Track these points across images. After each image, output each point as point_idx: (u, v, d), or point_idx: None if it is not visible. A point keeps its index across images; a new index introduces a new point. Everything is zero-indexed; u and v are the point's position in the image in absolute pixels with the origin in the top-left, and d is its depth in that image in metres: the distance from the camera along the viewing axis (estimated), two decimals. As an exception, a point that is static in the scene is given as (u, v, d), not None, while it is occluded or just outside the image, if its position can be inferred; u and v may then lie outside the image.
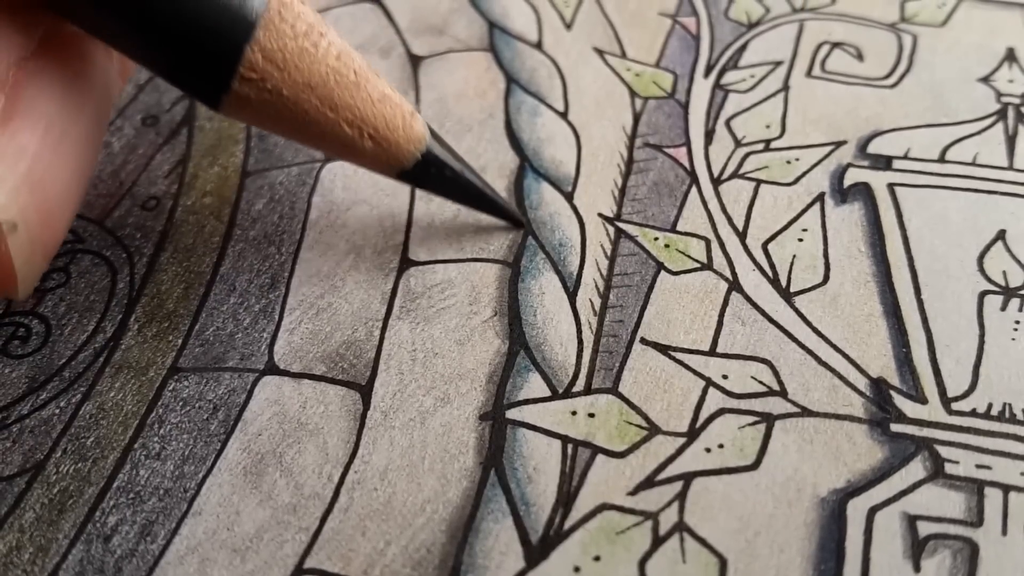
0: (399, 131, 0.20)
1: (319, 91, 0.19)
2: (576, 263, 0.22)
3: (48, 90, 0.18)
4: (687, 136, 0.24)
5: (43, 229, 0.18)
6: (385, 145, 0.20)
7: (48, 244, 0.18)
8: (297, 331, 0.21)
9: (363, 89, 0.19)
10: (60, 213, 0.18)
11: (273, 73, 0.18)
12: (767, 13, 0.28)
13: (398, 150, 0.20)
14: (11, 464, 0.19)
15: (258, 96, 0.18)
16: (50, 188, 0.18)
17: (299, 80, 0.18)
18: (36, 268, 0.18)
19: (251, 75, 0.18)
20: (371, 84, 0.19)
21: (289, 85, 0.18)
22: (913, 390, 0.19)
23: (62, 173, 0.18)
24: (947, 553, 0.17)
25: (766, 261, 0.22)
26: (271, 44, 0.18)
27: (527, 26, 0.28)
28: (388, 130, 0.19)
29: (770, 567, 0.17)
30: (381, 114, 0.19)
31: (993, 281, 0.21)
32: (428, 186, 0.22)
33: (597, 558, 0.17)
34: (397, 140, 0.20)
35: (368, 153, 0.20)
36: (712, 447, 0.18)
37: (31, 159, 0.17)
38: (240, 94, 0.18)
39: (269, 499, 0.18)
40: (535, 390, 0.20)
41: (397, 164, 0.20)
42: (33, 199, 0.17)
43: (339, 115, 0.19)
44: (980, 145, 0.24)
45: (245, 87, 0.18)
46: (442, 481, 0.18)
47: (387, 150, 0.20)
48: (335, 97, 0.19)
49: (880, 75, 0.26)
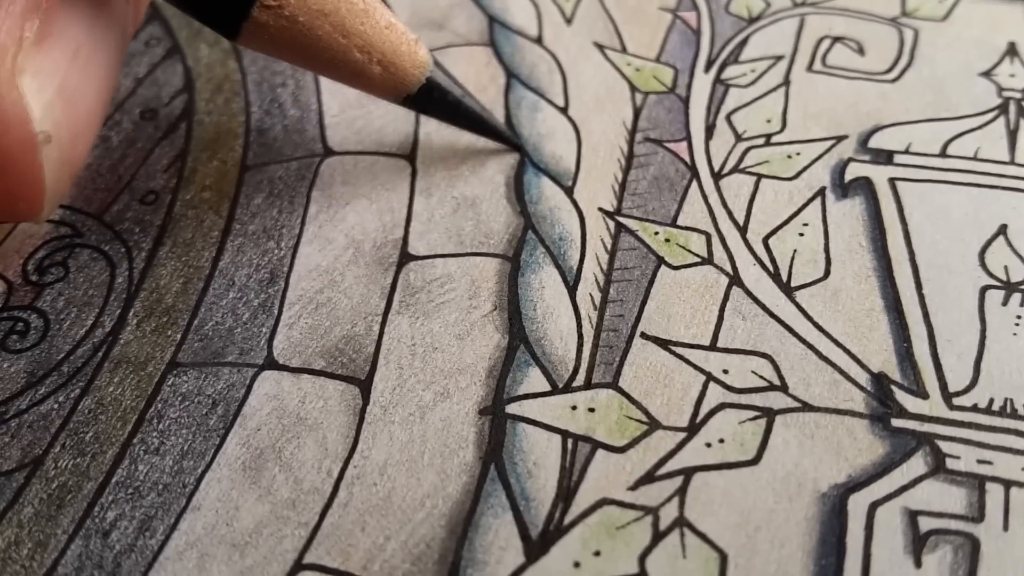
0: (405, 57, 0.21)
1: (332, 17, 0.20)
2: (576, 257, 0.22)
3: (76, 16, 0.19)
4: (687, 131, 0.24)
5: (72, 145, 0.19)
6: (392, 70, 0.21)
7: (74, 162, 0.20)
8: (296, 326, 0.21)
9: (372, 16, 0.20)
10: (86, 132, 0.20)
11: (290, 0, 0.20)
12: (768, 8, 0.28)
13: (404, 75, 0.21)
14: (9, 459, 0.19)
15: (276, 23, 0.20)
16: (79, 106, 0.19)
17: (314, 7, 0.20)
18: (62, 186, 0.20)
19: (270, 2, 0.20)
20: (379, 12, 0.21)
21: (305, 11, 0.20)
22: (914, 385, 0.19)
23: (89, 93, 0.20)
24: (948, 548, 0.17)
25: (767, 256, 0.21)
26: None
27: (527, 21, 0.28)
28: (395, 56, 0.21)
29: (771, 562, 0.17)
30: (388, 40, 0.21)
31: (994, 276, 0.21)
32: (431, 110, 0.23)
33: (597, 553, 0.17)
34: (403, 65, 0.21)
35: (376, 78, 0.21)
36: (712, 442, 0.18)
37: (63, 77, 0.19)
38: (259, 21, 0.20)
39: (268, 494, 0.18)
40: (535, 385, 0.19)
41: (403, 89, 0.22)
42: (65, 114, 0.19)
43: (350, 41, 0.20)
44: (981, 140, 0.23)
45: (264, 14, 0.20)
46: (442, 476, 0.18)
47: (394, 75, 0.21)
48: (347, 24, 0.20)
49: (881, 70, 0.26)
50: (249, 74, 0.27)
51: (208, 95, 0.26)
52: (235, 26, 0.20)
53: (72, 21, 0.19)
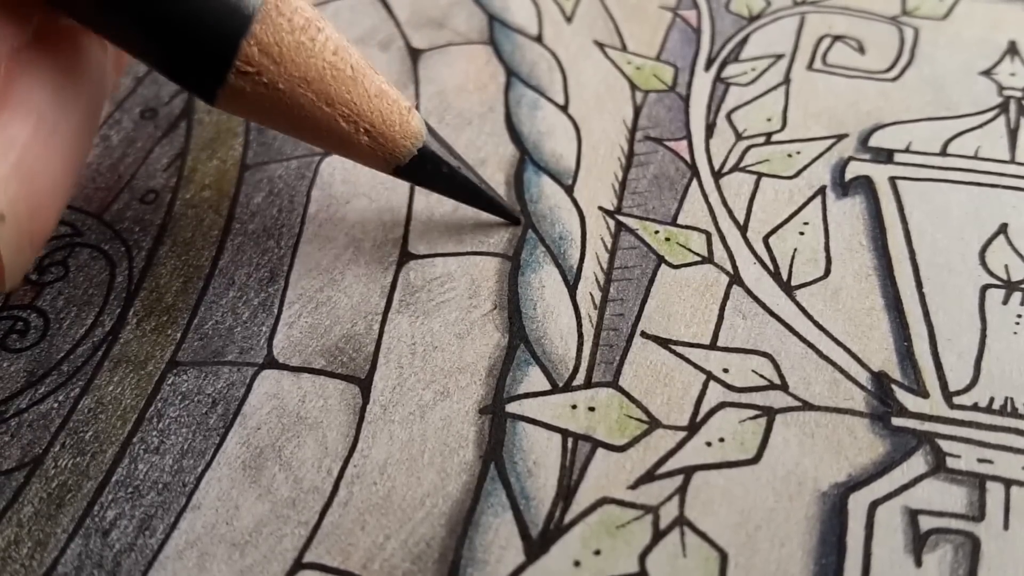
0: (395, 127, 0.20)
1: (315, 86, 0.19)
2: (576, 256, 0.22)
3: (41, 82, 0.18)
4: (688, 129, 0.24)
5: (32, 220, 0.18)
6: (381, 140, 0.20)
7: (36, 236, 0.18)
8: (296, 325, 0.21)
9: (360, 84, 0.19)
10: (49, 205, 0.18)
11: (269, 67, 0.18)
12: (768, 6, 0.28)
13: (394, 146, 0.20)
14: (9, 458, 0.19)
15: (253, 90, 0.18)
16: (40, 180, 0.18)
17: (295, 74, 0.18)
18: (24, 259, 0.18)
19: (247, 69, 0.18)
20: (368, 79, 0.19)
21: (285, 79, 0.18)
22: (915, 384, 0.19)
23: (52, 165, 0.18)
24: (948, 547, 0.17)
25: (767, 254, 0.21)
26: (267, 38, 0.18)
27: (527, 19, 0.28)
28: (384, 125, 0.19)
29: (771, 561, 0.17)
30: (378, 109, 0.19)
31: (995, 275, 0.21)
32: (424, 182, 0.21)
33: (597, 552, 0.17)
34: (393, 136, 0.20)
35: (364, 148, 0.20)
36: (713, 441, 0.18)
37: (21, 150, 0.17)
38: (236, 87, 0.18)
39: (268, 493, 0.18)
40: (535, 384, 0.19)
41: (393, 159, 0.20)
42: (22, 190, 0.17)
43: (335, 110, 0.19)
44: (982, 138, 0.23)
45: (241, 80, 0.18)
46: (442, 475, 0.18)
47: (383, 145, 0.20)
48: (331, 92, 0.19)
49: (881, 68, 0.26)
50: (249, 73, 0.27)
51: (208, 94, 0.26)
52: (211, 91, 0.19)
53: (36, 87, 0.18)
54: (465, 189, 0.22)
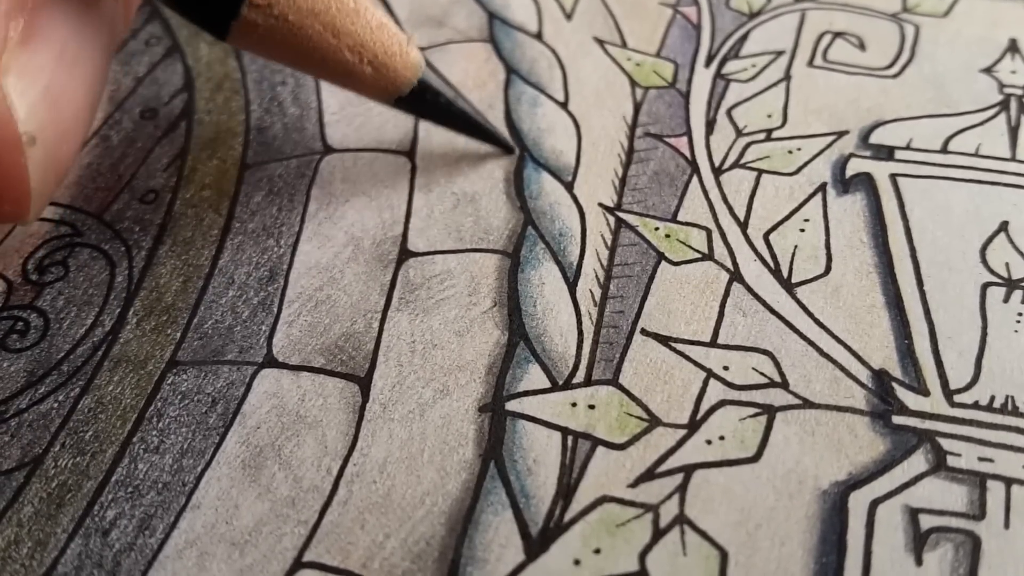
0: (396, 57, 0.21)
1: (322, 17, 0.20)
2: (576, 253, 0.22)
3: (62, 16, 0.19)
4: (688, 126, 0.24)
5: (58, 146, 0.19)
6: (384, 71, 0.21)
7: (60, 164, 0.20)
8: (296, 323, 0.21)
9: (362, 16, 0.20)
10: (73, 133, 0.20)
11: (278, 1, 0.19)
12: (768, 3, 0.28)
13: (396, 76, 0.21)
14: (9, 458, 0.19)
15: (265, 22, 0.20)
16: (65, 107, 0.19)
17: (304, 6, 0.20)
18: (48, 187, 0.20)
19: (260, 1, 0.19)
20: (370, 12, 0.20)
21: (295, 11, 0.20)
22: (915, 382, 0.19)
23: (76, 95, 0.19)
24: (949, 546, 0.17)
25: (767, 251, 0.21)
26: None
27: (527, 17, 0.28)
28: (387, 56, 0.21)
29: (771, 560, 0.17)
30: (380, 40, 0.20)
31: (996, 273, 0.21)
32: (423, 112, 0.23)
33: (597, 551, 0.17)
34: (395, 66, 0.21)
35: (368, 79, 0.21)
36: (713, 439, 0.18)
37: (48, 77, 0.18)
38: (249, 20, 0.20)
39: (268, 492, 0.18)
40: (535, 381, 0.19)
41: (395, 90, 0.21)
42: (50, 116, 0.19)
43: (341, 41, 0.20)
44: (982, 136, 0.23)
45: (254, 13, 0.20)
46: (441, 473, 0.18)
47: (385, 76, 0.21)
48: (337, 23, 0.20)
49: (882, 65, 0.25)
50: (249, 73, 0.27)
51: (208, 94, 0.26)
52: (224, 25, 0.20)
53: (58, 21, 0.19)
54: (462, 118, 0.23)
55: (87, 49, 0.20)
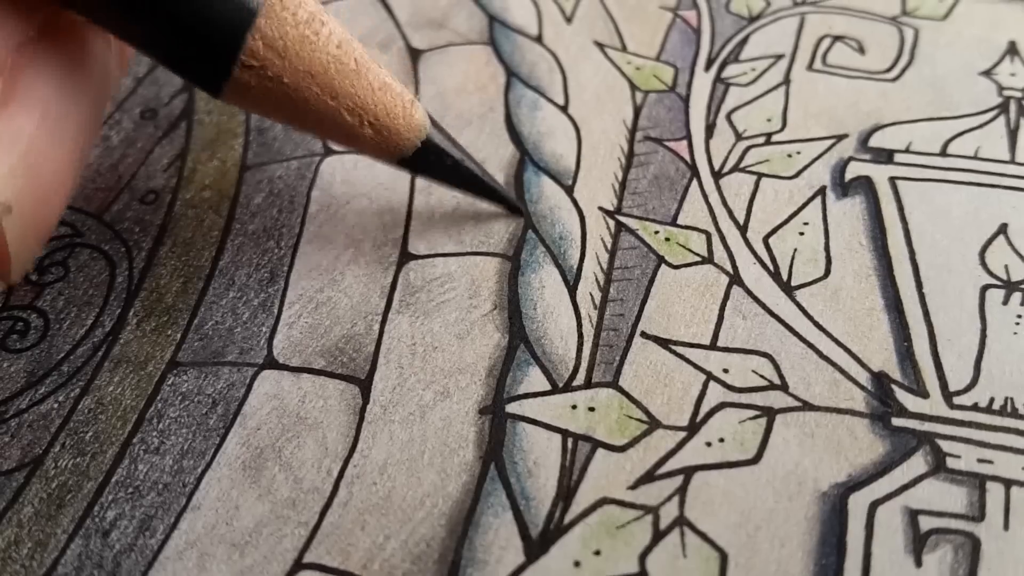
0: (399, 119, 0.20)
1: (320, 79, 0.19)
2: (576, 256, 0.22)
3: (46, 75, 0.18)
4: (688, 129, 0.24)
5: (37, 213, 0.18)
6: (385, 133, 0.20)
7: (41, 228, 0.19)
8: (296, 325, 0.21)
9: (364, 77, 0.19)
10: (54, 198, 0.18)
11: (274, 61, 0.18)
12: (768, 6, 0.28)
13: (398, 138, 0.20)
14: (9, 459, 0.19)
15: (259, 83, 0.19)
16: (45, 172, 0.18)
17: (300, 68, 0.19)
18: (29, 251, 0.19)
19: (252, 62, 0.18)
20: (372, 73, 0.20)
21: (290, 73, 0.19)
22: (915, 384, 0.19)
23: (57, 158, 0.18)
24: (949, 548, 0.17)
25: (767, 255, 0.21)
26: (272, 32, 0.18)
27: (527, 20, 0.28)
28: (388, 118, 0.20)
29: (771, 561, 0.17)
30: (382, 102, 0.20)
31: (995, 275, 0.21)
32: (428, 173, 0.22)
33: (597, 552, 0.17)
34: (397, 128, 0.20)
35: (368, 140, 0.20)
36: (713, 441, 0.18)
37: (27, 143, 0.17)
38: (241, 81, 0.19)
39: (268, 493, 0.18)
40: (535, 384, 0.19)
41: (397, 152, 0.20)
42: (28, 183, 0.18)
43: (340, 103, 0.19)
44: (982, 139, 0.23)
45: (246, 74, 0.18)
46: (442, 475, 0.18)
47: (387, 138, 0.20)
48: (336, 85, 0.19)
49: (881, 69, 0.26)
50: (249, 73, 0.27)
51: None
52: (216, 85, 0.19)
53: (41, 80, 0.18)
54: (468, 180, 0.22)
55: (73, 109, 0.19)
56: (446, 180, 0.22)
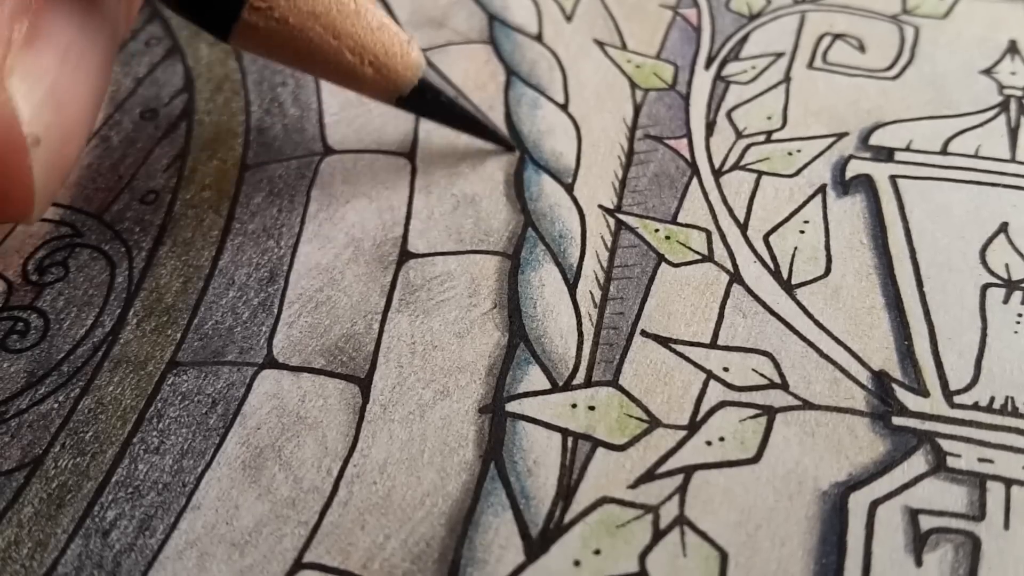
0: (397, 58, 0.21)
1: (323, 19, 0.20)
2: (576, 255, 0.22)
3: (66, 17, 0.19)
4: (688, 127, 0.24)
5: (62, 147, 0.19)
6: (385, 72, 0.21)
7: (64, 165, 0.20)
8: (296, 324, 0.21)
9: (363, 17, 0.20)
10: (77, 134, 0.20)
11: (280, 2, 0.20)
12: (768, 4, 0.28)
13: (397, 76, 0.21)
14: (9, 459, 0.19)
15: (266, 24, 0.20)
16: (69, 109, 0.19)
17: (304, 8, 0.20)
18: (52, 188, 0.20)
19: (260, 4, 0.20)
20: (370, 13, 0.21)
21: (295, 13, 0.20)
22: (915, 383, 0.19)
23: (79, 96, 0.19)
24: (949, 547, 0.17)
25: (767, 253, 0.21)
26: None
27: (527, 18, 0.28)
28: (387, 57, 0.21)
29: (771, 560, 0.17)
30: (380, 41, 0.21)
31: (995, 274, 0.21)
32: (424, 111, 0.23)
33: (597, 551, 0.17)
34: (395, 67, 0.21)
35: (368, 79, 0.21)
36: (713, 440, 0.18)
37: (52, 79, 0.19)
38: (249, 22, 0.20)
39: (268, 493, 0.18)
40: (535, 383, 0.19)
41: (396, 90, 0.21)
42: (55, 117, 0.19)
43: (342, 42, 0.20)
44: (982, 137, 0.23)
45: (254, 16, 0.20)
46: (441, 474, 0.18)
47: (386, 76, 0.21)
48: (338, 25, 0.20)
49: (882, 67, 0.26)
50: (249, 73, 0.27)
51: (208, 94, 0.26)
52: (226, 27, 0.20)
53: (62, 22, 0.19)
54: (463, 117, 0.23)
55: (90, 50, 0.20)
56: (442, 118, 0.23)
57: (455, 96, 0.22)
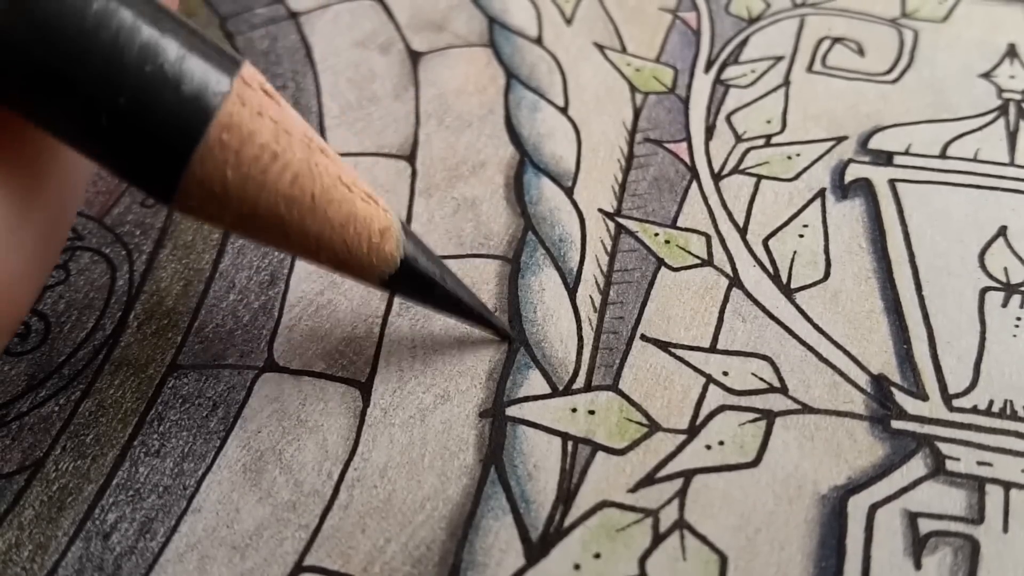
0: (362, 254, 0.18)
1: (265, 220, 0.17)
2: (576, 259, 0.22)
3: None
4: (687, 131, 0.24)
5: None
6: (347, 268, 0.18)
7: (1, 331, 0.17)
8: (297, 328, 0.21)
9: (320, 214, 0.17)
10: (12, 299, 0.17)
11: (211, 202, 0.16)
12: (768, 8, 0.28)
13: (362, 272, 0.18)
14: (10, 461, 0.19)
15: (199, 216, 0.17)
16: None
17: (243, 210, 0.16)
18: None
19: (189, 202, 0.16)
20: (333, 206, 0.17)
21: (231, 213, 0.16)
22: (914, 387, 0.19)
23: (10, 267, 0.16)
24: (948, 550, 0.17)
25: (767, 257, 0.21)
26: (208, 174, 0.16)
27: (527, 22, 0.28)
28: (348, 254, 0.18)
29: (771, 564, 0.17)
30: (341, 239, 0.17)
31: (994, 277, 0.21)
32: (405, 296, 0.20)
33: (597, 555, 0.17)
34: (359, 263, 0.18)
35: (329, 269, 0.18)
36: (712, 444, 0.18)
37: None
38: (184, 211, 0.17)
39: (269, 496, 0.18)
40: (535, 387, 0.19)
41: (364, 280, 0.19)
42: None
43: (290, 241, 0.17)
44: (981, 141, 0.23)
45: (186, 209, 0.17)
46: (442, 478, 0.18)
47: (350, 271, 0.18)
48: (285, 225, 0.17)
49: (881, 71, 0.26)
50: (249, 76, 0.27)
51: (208, 97, 0.26)
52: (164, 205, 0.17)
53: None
54: (452, 305, 0.20)
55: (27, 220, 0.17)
56: (429, 304, 0.20)
57: (443, 282, 0.19)
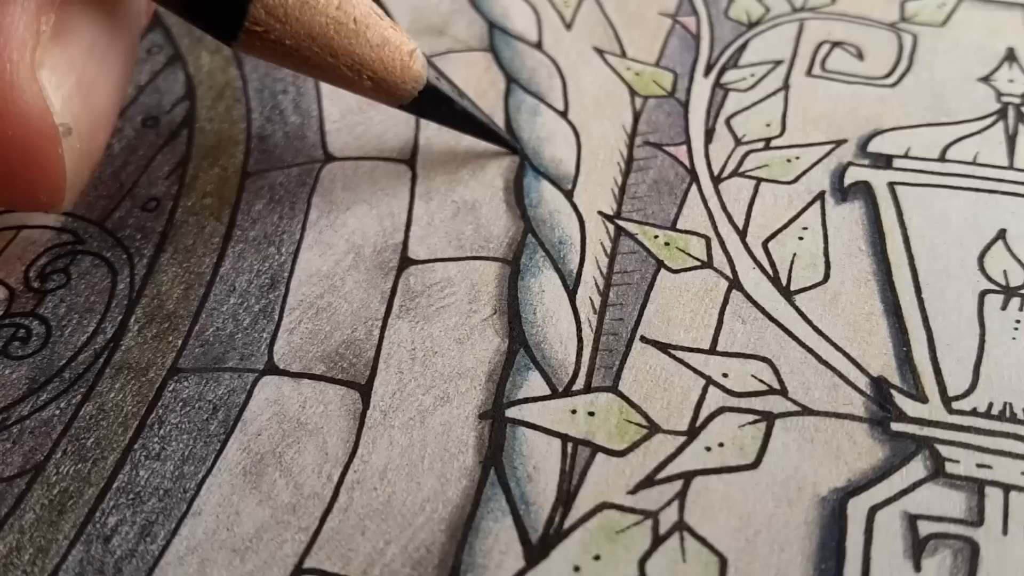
0: (396, 72, 0.21)
1: (319, 40, 0.20)
2: (576, 261, 0.22)
3: (90, 11, 0.20)
4: (687, 134, 0.24)
5: (91, 137, 0.20)
6: (384, 85, 0.22)
7: (93, 154, 0.21)
8: (297, 331, 0.21)
9: (362, 36, 0.21)
10: (104, 124, 0.21)
11: (275, 25, 0.20)
12: (767, 12, 0.28)
13: (396, 89, 0.22)
14: (11, 465, 0.19)
15: (263, 43, 0.20)
16: (97, 99, 0.20)
17: (300, 31, 0.20)
18: (82, 177, 0.21)
19: (255, 28, 0.20)
20: (371, 30, 0.21)
21: (291, 36, 0.20)
22: (914, 389, 0.19)
23: (105, 87, 0.20)
24: (948, 553, 0.17)
25: (766, 259, 0.21)
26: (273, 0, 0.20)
27: (527, 26, 0.28)
28: (386, 72, 0.21)
29: (770, 566, 0.17)
30: (379, 58, 0.21)
31: (994, 280, 0.21)
32: (426, 115, 0.23)
33: (597, 557, 0.17)
34: (394, 80, 0.22)
35: (368, 91, 0.22)
36: (712, 446, 0.18)
37: (80, 71, 0.19)
38: (248, 41, 0.20)
39: (269, 499, 0.18)
40: (535, 389, 0.19)
41: (395, 100, 0.22)
42: (83, 107, 0.20)
43: (339, 61, 0.21)
44: (980, 144, 0.23)
45: (252, 37, 0.20)
46: (442, 480, 0.18)
47: (385, 89, 0.22)
48: (334, 45, 0.21)
49: (880, 74, 0.26)
50: (250, 81, 0.27)
51: (209, 102, 0.26)
52: (228, 39, 0.21)
53: (86, 16, 0.20)
54: (465, 119, 0.23)
55: (114, 42, 0.21)
56: (443, 121, 0.24)
57: (458, 100, 0.23)
